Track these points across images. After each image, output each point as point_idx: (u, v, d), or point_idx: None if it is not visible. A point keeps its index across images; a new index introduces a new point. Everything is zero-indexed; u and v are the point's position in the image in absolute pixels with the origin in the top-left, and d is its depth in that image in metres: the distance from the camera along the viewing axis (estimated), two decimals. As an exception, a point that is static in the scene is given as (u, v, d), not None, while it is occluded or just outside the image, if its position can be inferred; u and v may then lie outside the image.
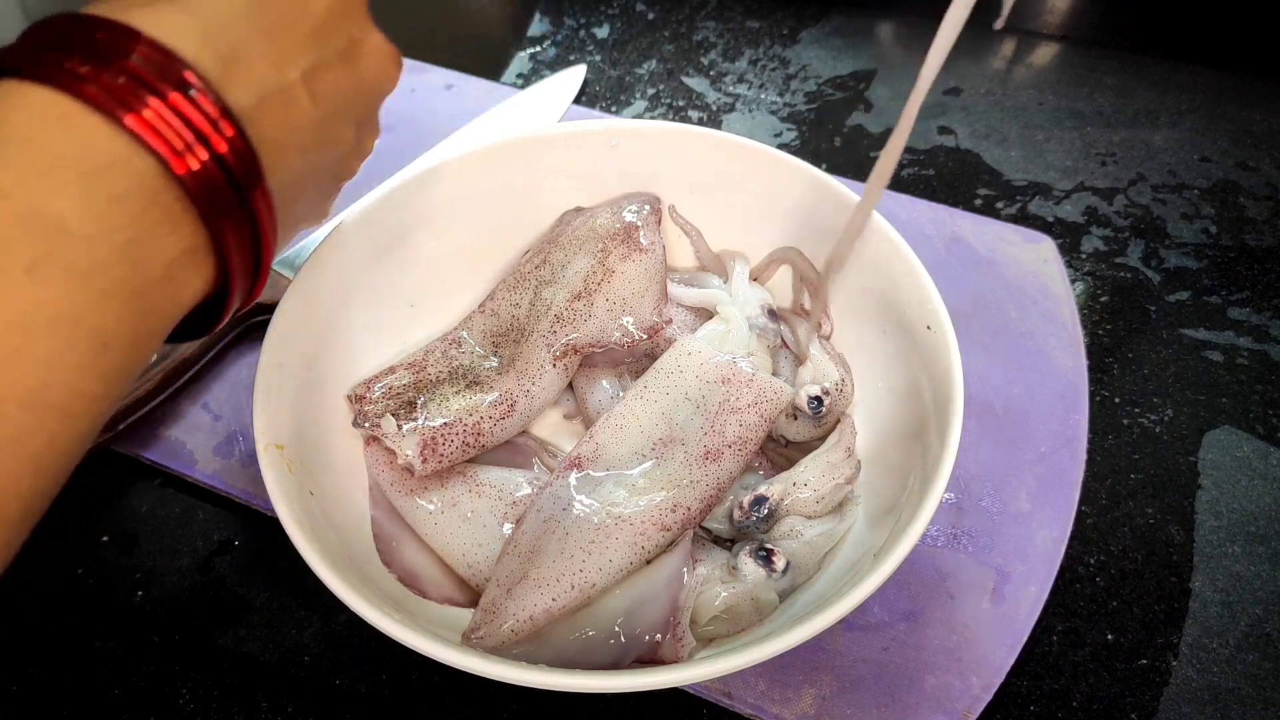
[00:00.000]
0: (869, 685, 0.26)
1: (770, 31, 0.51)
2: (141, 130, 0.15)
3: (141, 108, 0.15)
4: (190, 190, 0.15)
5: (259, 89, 0.17)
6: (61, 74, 0.14)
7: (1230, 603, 0.29)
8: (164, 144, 0.15)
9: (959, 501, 0.30)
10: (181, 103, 0.15)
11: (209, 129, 0.15)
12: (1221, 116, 0.46)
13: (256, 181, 0.16)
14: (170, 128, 0.15)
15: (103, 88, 0.14)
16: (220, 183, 0.16)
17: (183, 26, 0.16)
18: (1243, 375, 0.36)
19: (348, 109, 0.19)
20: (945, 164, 0.44)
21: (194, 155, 0.15)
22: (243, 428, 0.33)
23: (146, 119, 0.15)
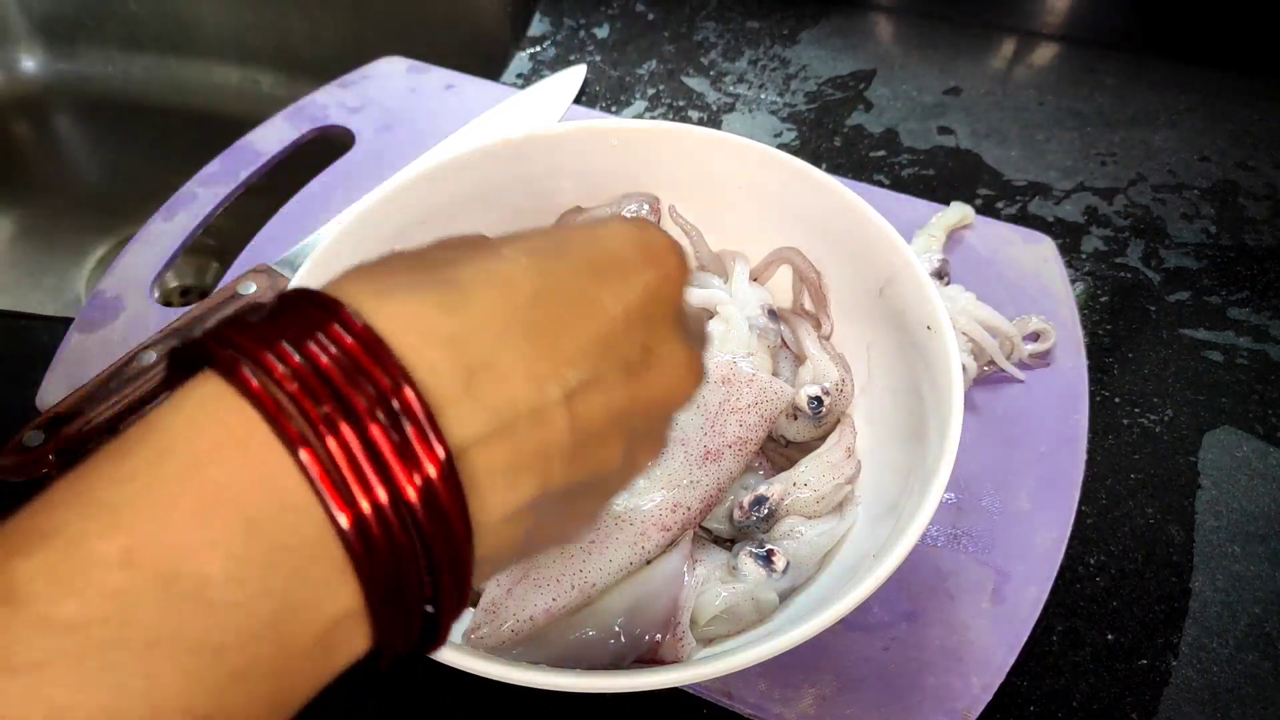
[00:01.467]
0: (869, 685, 0.26)
1: (770, 31, 0.51)
2: (324, 484, 0.11)
3: (329, 438, 0.11)
4: (361, 557, 0.12)
5: (503, 410, 0.13)
6: (242, 371, 0.12)
7: (1230, 603, 0.29)
8: (344, 505, 0.11)
9: (959, 501, 0.30)
10: (384, 439, 0.12)
11: (408, 476, 0.12)
12: (1221, 116, 0.46)
13: (460, 550, 0.12)
14: (358, 482, 0.11)
15: (291, 403, 0.11)
16: (408, 548, 0.12)
17: (431, 327, 0.12)
18: (1242, 375, 0.36)
19: (616, 430, 0.15)
20: (945, 164, 0.44)
21: (380, 520, 0.12)
22: (243, 428, 0.33)
23: (334, 467, 0.11)
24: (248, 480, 0.11)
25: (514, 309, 0.13)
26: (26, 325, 0.37)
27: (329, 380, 0.12)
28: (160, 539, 0.11)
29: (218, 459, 0.11)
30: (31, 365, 0.34)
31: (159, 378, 0.32)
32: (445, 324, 0.13)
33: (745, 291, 0.31)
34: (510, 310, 0.13)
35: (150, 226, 0.39)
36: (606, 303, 0.14)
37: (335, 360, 0.12)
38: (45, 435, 0.30)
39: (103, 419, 0.31)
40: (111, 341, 0.35)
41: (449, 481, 0.12)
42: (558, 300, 0.14)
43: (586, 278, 0.15)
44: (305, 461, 0.12)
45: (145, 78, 0.52)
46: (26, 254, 0.48)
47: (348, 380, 0.12)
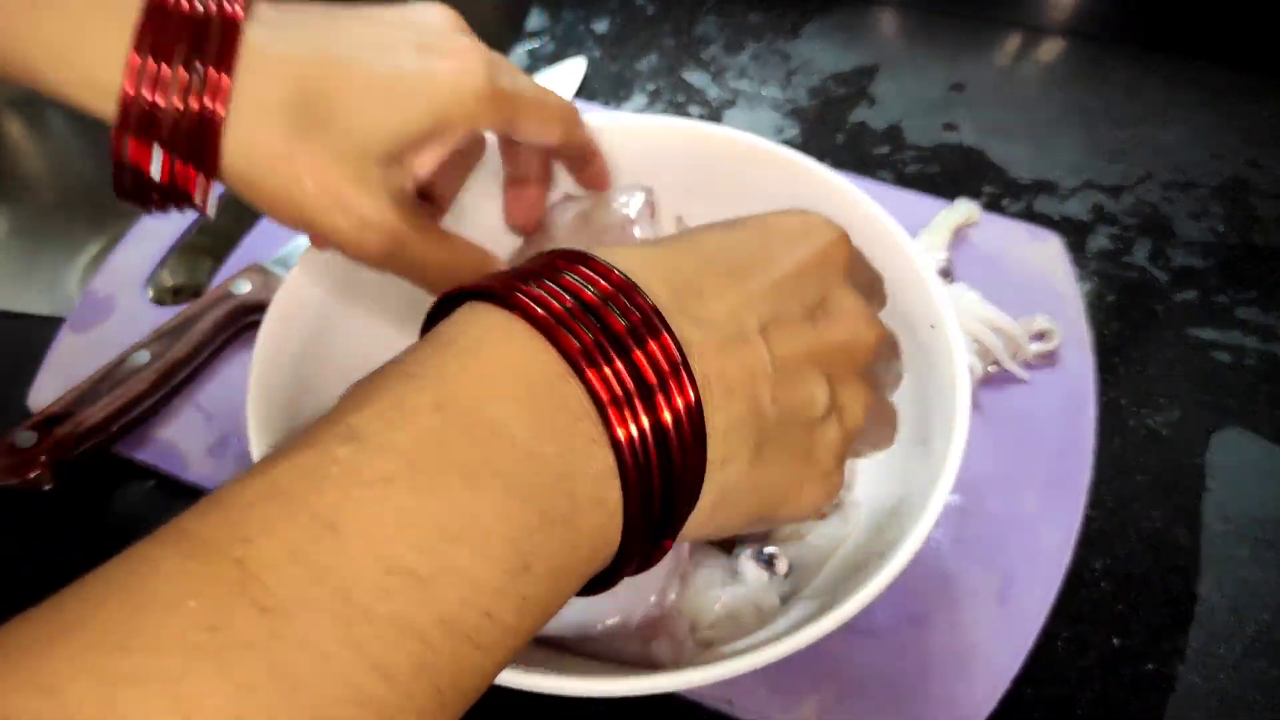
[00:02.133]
0: (872, 691, 0.26)
1: (772, 26, 0.50)
2: (593, 379, 0.14)
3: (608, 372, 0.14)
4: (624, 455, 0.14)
5: (715, 331, 0.15)
6: (518, 299, 0.14)
7: (1237, 608, 0.29)
8: (605, 390, 0.14)
9: (964, 504, 0.30)
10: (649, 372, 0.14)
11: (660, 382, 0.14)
12: (1231, 114, 0.45)
13: (699, 445, 0.15)
14: (628, 406, 0.14)
15: (552, 313, 0.14)
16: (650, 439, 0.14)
17: (641, 259, 0.16)
18: (1250, 376, 0.35)
19: (812, 366, 0.17)
20: (950, 160, 0.43)
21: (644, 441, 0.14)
22: (236, 429, 0.32)
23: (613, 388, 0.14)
24: (522, 358, 0.14)
25: (704, 254, 0.16)
26: (18, 324, 0.37)
27: (595, 311, 0.14)
28: (460, 393, 0.13)
29: (497, 344, 0.14)
30: (23, 365, 0.34)
31: (151, 380, 0.32)
32: (656, 256, 0.16)
33: None
34: (701, 254, 0.16)
35: (143, 224, 0.39)
36: (780, 257, 0.17)
37: (597, 297, 0.15)
38: (37, 436, 0.30)
39: (96, 419, 0.31)
40: (104, 341, 0.35)
41: (695, 416, 0.15)
42: (739, 253, 0.17)
43: (760, 240, 0.18)
44: (592, 380, 0.14)
45: None
46: (17, 252, 0.47)
47: (610, 313, 0.14)
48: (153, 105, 0.18)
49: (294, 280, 0.27)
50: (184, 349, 0.33)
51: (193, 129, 0.19)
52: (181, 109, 0.19)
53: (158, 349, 0.32)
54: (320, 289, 0.28)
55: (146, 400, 0.32)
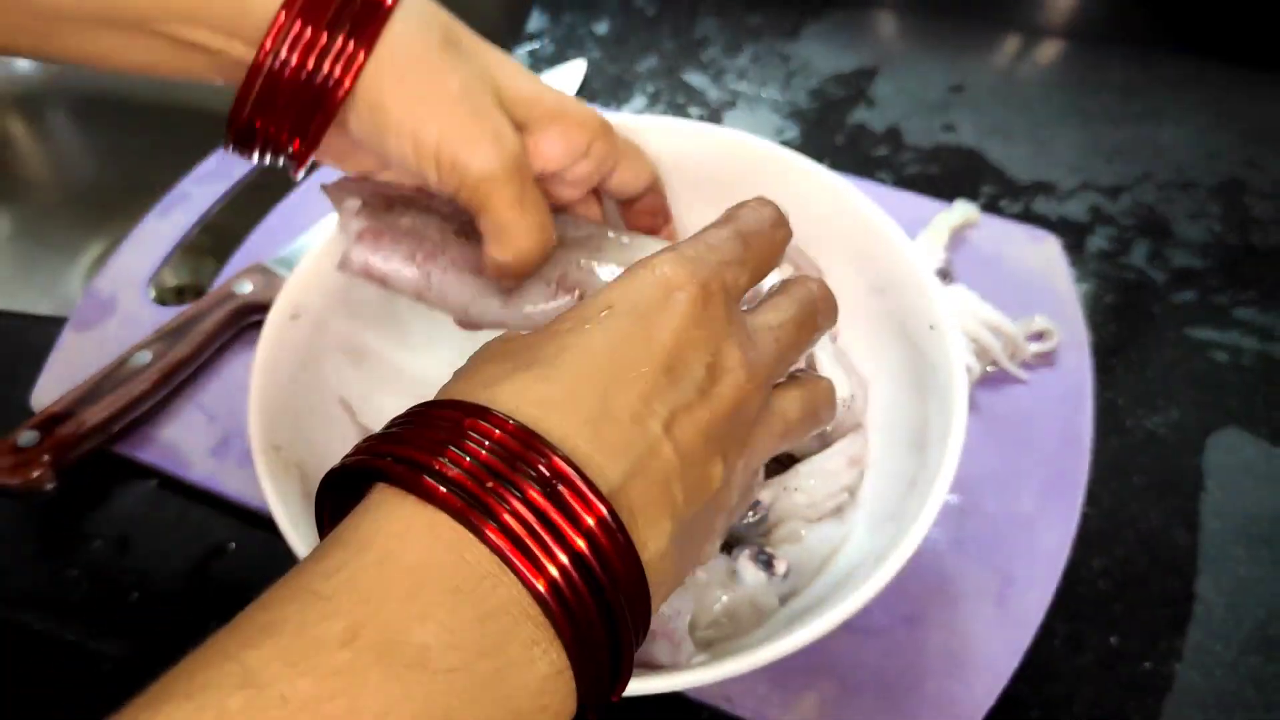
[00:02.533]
0: (870, 690, 0.26)
1: (771, 27, 0.51)
2: (508, 548, 0.13)
3: (506, 516, 0.13)
4: (555, 607, 0.13)
5: (629, 457, 0.15)
6: (425, 481, 0.13)
7: (1235, 606, 0.29)
8: (526, 562, 0.13)
9: (962, 504, 0.30)
10: (549, 506, 0.14)
11: (577, 531, 0.14)
12: (1229, 114, 0.45)
13: (632, 572, 0.14)
14: (535, 540, 0.13)
15: (469, 498, 0.13)
16: (588, 588, 0.14)
17: (545, 398, 0.15)
18: (1248, 376, 0.35)
19: (710, 446, 0.17)
20: (949, 161, 0.43)
21: (567, 579, 0.13)
22: (238, 429, 0.33)
23: (513, 530, 0.13)
24: (444, 559, 0.13)
25: (597, 368, 0.16)
26: (20, 324, 0.37)
27: (493, 470, 0.14)
28: (376, 617, 0.12)
29: (413, 546, 0.13)
30: (25, 365, 0.34)
31: (153, 380, 0.32)
32: (554, 392, 0.15)
33: None
34: (595, 369, 0.16)
35: (145, 225, 0.39)
36: (660, 335, 0.16)
37: (493, 452, 0.14)
38: (39, 435, 0.30)
39: (98, 419, 0.31)
40: (106, 341, 0.35)
41: (615, 527, 0.14)
42: (624, 349, 0.16)
43: (636, 326, 0.16)
44: (493, 539, 0.13)
45: (141, 75, 0.51)
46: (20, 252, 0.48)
47: (508, 466, 0.14)
48: (284, 63, 0.19)
49: (296, 280, 0.27)
50: (186, 349, 0.33)
51: (317, 92, 0.20)
52: (311, 70, 0.19)
53: (160, 349, 0.32)
54: (322, 289, 0.28)
55: (148, 400, 0.32)
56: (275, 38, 0.19)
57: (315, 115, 0.20)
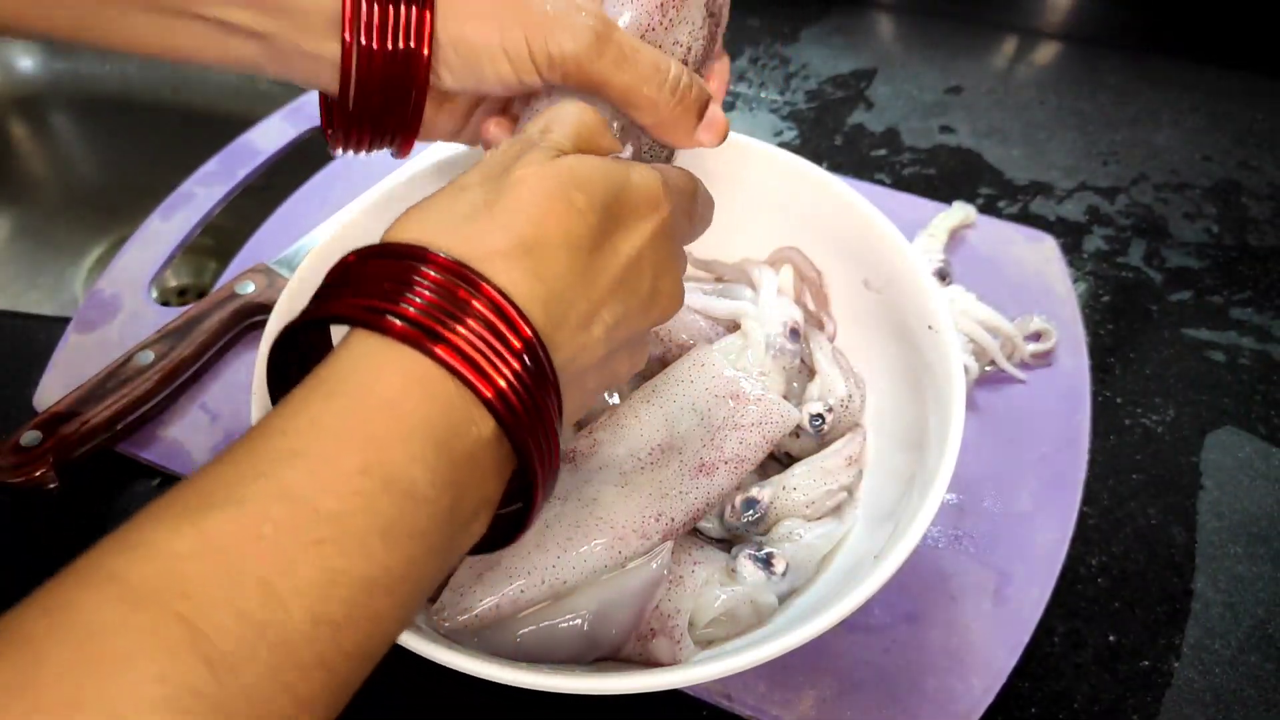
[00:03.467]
0: (870, 687, 0.26)
1: (771, 29, 0.51)
2: (497, 406, 0.16)
3: (496, 375, 0.16)
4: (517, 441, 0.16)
5: (571, 350, 0.18)
6: (426, 336, 0.16)
7: (1232, 604, 0.29)
8: (510, 416, 0.16)
9: (960, 502, 0.30)
10: (521, 373, 0.16)
11: (538, 399, 0.17)
12: (1224, 116, 0.46)
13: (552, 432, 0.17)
14: (512, 395, 0.16)
15: (462, 354, 0.16)
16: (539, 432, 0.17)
17: (530, 291, 0.17)
18: (1245, 375, 0.36)
19: (631, 345, 0.20)
20: (947, 163, 0.44)
21: (524, 414, 0.16)
22: (241, 428, 0.33)
23: (500, 387, 0.16)
24: (428, 410, 0.15)
25: (575, 268, 0.18)
26: (24, 325, 0.37)
27: (442, 307, 0.16)
28: (383, 455, 0.15)
29: (406, 396, 0.15)
30: (29, 365, 0.34)
31: (155, 379, 0.32)
32: (538, 289, 0.17)
33: (770, 309, 0.30)
34: (573, 270, 0.18)
35: (148, 226, 0.39)
36: (627, 248, 0.19)
37: (477, 314, 0.16)
38: (42, 435, 0.30)
39: (100, 419, 0.31)
40: (109, 341, 0.35)
41: (539, 349, 0.17)
42: (600, 251, 0.18)
43: (616, 227, 0.19)
44: (447, 360, 0.16)
45: (143, 76, 0.52)
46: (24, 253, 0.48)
47: (452, 302, 0.16)
48: (366, 47, 0.20)
49: (298, 281, 0.27)
50: (188, 349, 0.33)
51: (403, 68, 0.21)
52: (390, 50, 0.20)
53: (162, 349, 0.33)
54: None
55: (151, 400, 0.32)
56: (351, 25, 0.20)
57: (410, 91, 0.21)
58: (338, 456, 0.14)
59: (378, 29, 0.20)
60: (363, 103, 0.22)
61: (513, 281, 0.17)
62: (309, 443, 0.15)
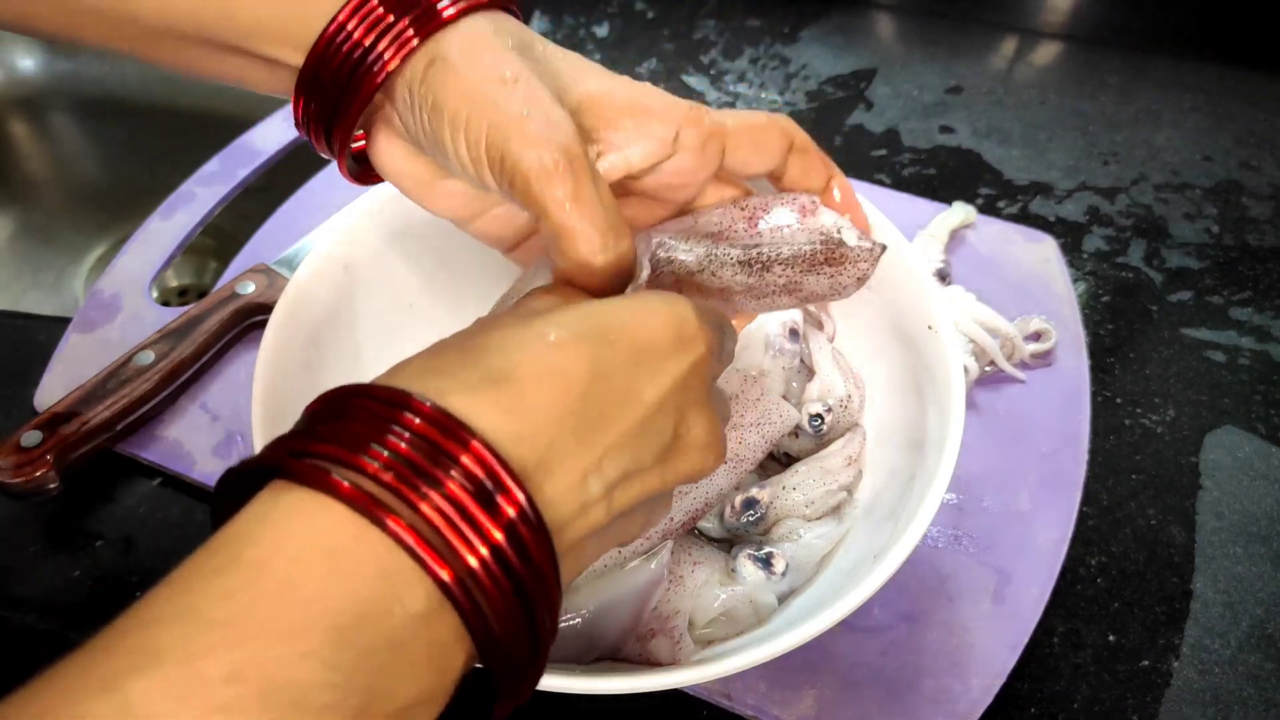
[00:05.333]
0: (869, 687, 0.26)
1: (771, 30, 0.51)
2: (421, 548, 0.13)
3: (466, 551, 0.13)
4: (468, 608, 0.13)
5: (561, 509, 0.15)
6: (349, 487, 0.13)
7: (1232, 604, 0.29)
8: (469, 603, 0.13)
9: (960, 502, 0.30)
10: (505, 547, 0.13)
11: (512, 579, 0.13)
12: (1224, 116, 0.46)
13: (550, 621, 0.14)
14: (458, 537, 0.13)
15: (392, 496, 0.13)
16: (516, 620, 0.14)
17: (503, 428, 0.14)
18: (1244, 376, 0.36)
19: (646, 507, 0.17)
20: (946, 163, 0.44)
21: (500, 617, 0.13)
22: (242, 428, 0.33)
23: (469, 566, 0.13)
24: (339, 590, 0.13)
25: (566, 406, 0.15)
26: (24, 325, 0.37)
27: (412, 462, 0.13)
28: (263, 655, 0.12)
29: (311, 572, 0.13)
30: (29, 365, 0.34)
31: (156, 380, 0.32)
32: (504, 423, 0.14)
33: None
34: (563, 408, 0.15)
35: (148, 226, 0.39)
36: (645, 393, 0.16)
37: (413, 444, 0.13)
38: (43, 435, 0.30)
39: (101, 419, 0.31)
40: (109, 341, 0.35)
41: (534, 520, 0.14)
42: (603, 393, 0.15)
43: (628, 366, 0.16)
44: (396, 530, 0.13)
45: (143, 76, 0.52)
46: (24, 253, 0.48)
47: (429, 459, 0.13)
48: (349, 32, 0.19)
49: (298, 281, 0.27)
50: (189, 349, 0.33)
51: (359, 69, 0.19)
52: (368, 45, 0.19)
53: (163, 349, 0.33)
54: (325, 290, 0.28)
55: (152, 400, 0.32)
56: (351, 10, 0.19)
57: (356, 92, 0.19)
58: (203, 658, 0.11)
59: (370, 20, 0.19)
60: (309, 80, 0.20)
61: (493, 426, 0.14)
62: (174, 638, 0.12)
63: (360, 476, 0.13)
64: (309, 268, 0.28)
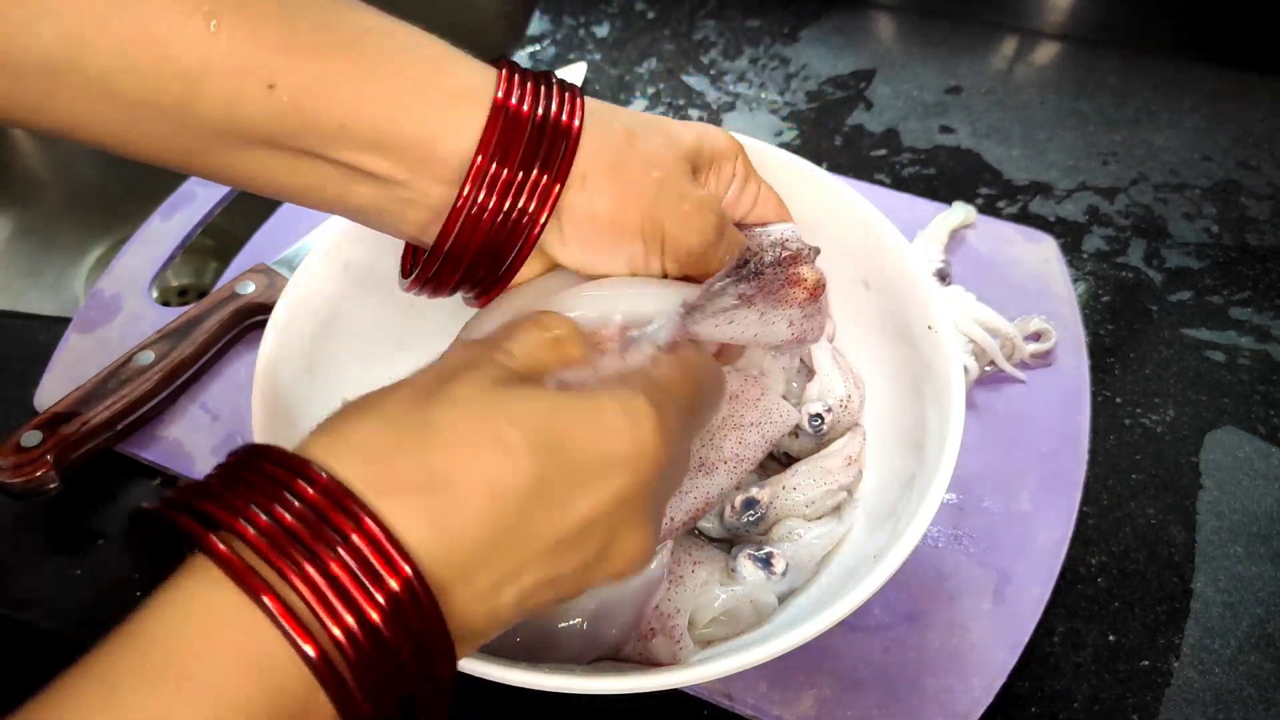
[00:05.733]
0: (870, 687, 0.26)
1: (770, 30, 0.51)
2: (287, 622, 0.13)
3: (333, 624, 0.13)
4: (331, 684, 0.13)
5: (467, 616, 0.14)
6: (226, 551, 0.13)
7: (1232, 603, 0.29)
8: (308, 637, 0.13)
9: (960, 502, 0.30)
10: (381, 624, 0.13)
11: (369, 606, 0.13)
12: (1223, 116, 0.46)
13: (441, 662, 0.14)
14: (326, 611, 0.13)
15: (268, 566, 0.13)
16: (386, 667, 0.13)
17: (424, 537, 0.14)
18: (1244, 375, 0.36)
19: (558, 602, 0.17)
20: (946, 163, 0.44)
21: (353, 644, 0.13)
22: (241, 428, 0.33)
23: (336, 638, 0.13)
24: (249, 685, 0.13)
25: (497, 520, 0.14)
26: (24, 325, 0.37)
27: (294, 534, 0.13)
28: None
29: (219, 667, 0.13)
30: (29, 365, 0.34)
31: (156, 379, 0.32)
32: (430, 536, 0.14)
33: None
34: (493, 522, 0.14)
35: (149, 226, 0.39)
36: (579, 508, 0.15)
37: (300, 515, 0.13)
38: (43, 435, 0.30)
39: (100, 419, 0.31)
40: (109, 341, 0.35)
41: (420, 592, 0.13)
42: (536, 508, 0.15)
43: (570, 482, 0.15)
44: (268, 605, 0.13)
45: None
46: (24, 253, 0.48)
47: (312, 530, 0.13)
48: (483, 203, 0.19)
49: (298, 281, 0.27)
50: (189, 349, 0.33)
51: (510, 228, 0.19)
52: (508, 208, 0.19)
53: (163, 349, 0.33)
54: (324, 289, 0.28)
55: (152, 400, 0.32)
56: (475, 180, 0.18)
57: (513, 250, 0.19)
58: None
59: (501, 186, 0.18)
60: (458, 255, 0.19)
61: (408, 525, 0.14)
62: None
63: (239, 542, 0.13)
64: (309, 267, 0.28)
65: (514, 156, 0.19)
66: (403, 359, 0.31)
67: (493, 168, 0.18)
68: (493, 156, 0.18)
